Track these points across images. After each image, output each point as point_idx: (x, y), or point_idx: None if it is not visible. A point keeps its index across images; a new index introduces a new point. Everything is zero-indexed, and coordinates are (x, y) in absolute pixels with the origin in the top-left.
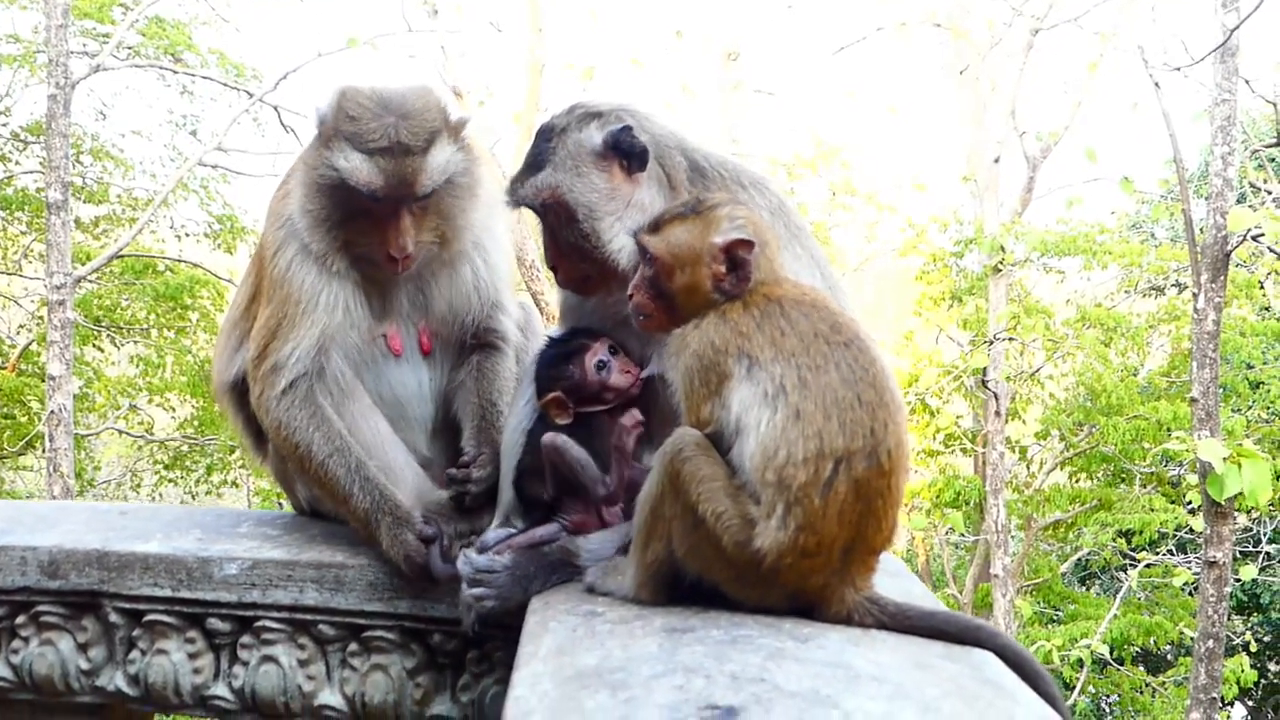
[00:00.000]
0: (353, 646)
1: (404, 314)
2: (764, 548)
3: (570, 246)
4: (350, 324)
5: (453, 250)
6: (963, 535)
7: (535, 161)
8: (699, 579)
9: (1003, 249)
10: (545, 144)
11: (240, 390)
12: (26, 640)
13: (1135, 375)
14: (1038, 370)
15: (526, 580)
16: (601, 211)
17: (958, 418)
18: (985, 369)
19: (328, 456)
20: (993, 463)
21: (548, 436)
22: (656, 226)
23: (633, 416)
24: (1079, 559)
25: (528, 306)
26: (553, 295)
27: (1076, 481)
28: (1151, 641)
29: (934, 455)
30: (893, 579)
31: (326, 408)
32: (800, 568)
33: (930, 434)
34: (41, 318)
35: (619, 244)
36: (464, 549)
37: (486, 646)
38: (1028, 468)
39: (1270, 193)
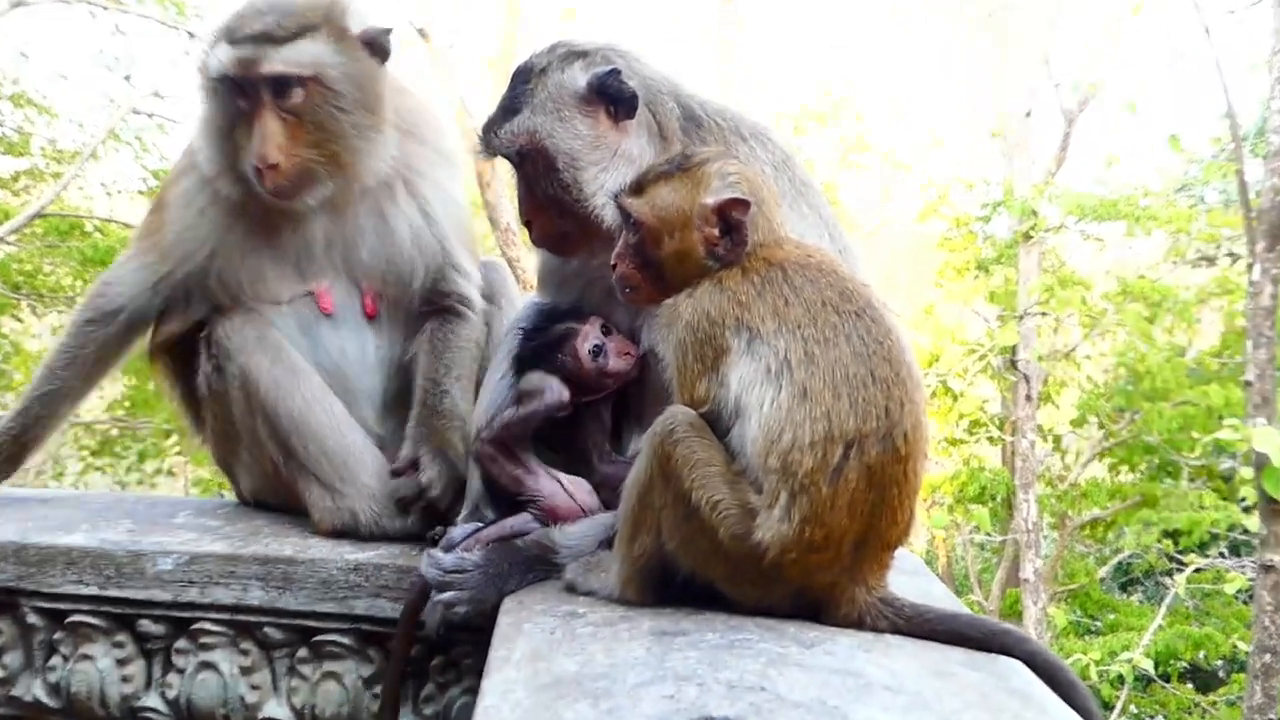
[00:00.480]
0: (302, 652)
1: (333, 268)
2: (765, 541)
3: (548, 199)
4: (245, 271)
5: (355, 183)
6: (989, 534)
7: (511, 105)
8: (692, 576)
9: (1034, 213)
10: (523, 86)
11: (175, 354)
12: None
13: (1183, 355)
14: (1073, 349)
15: (500, 579)
16: (584, 161)
17: (984, 402)
18: (1015, 347)
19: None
20: (1023, 453)
21: (481, 447)
22: (639, 187)
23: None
24: (1120, 562)
25: (498, 267)
26: (530, 261)
27: (1117, 475)
28: (1201, 656)
29: (957, 444)
30: (909, 578)
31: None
32: (806, 564)
33: (953, 420)
34: None
35: (603, 198)
36: (427, 549)
37: (453, 652)
38: (1062, 459)
39: None
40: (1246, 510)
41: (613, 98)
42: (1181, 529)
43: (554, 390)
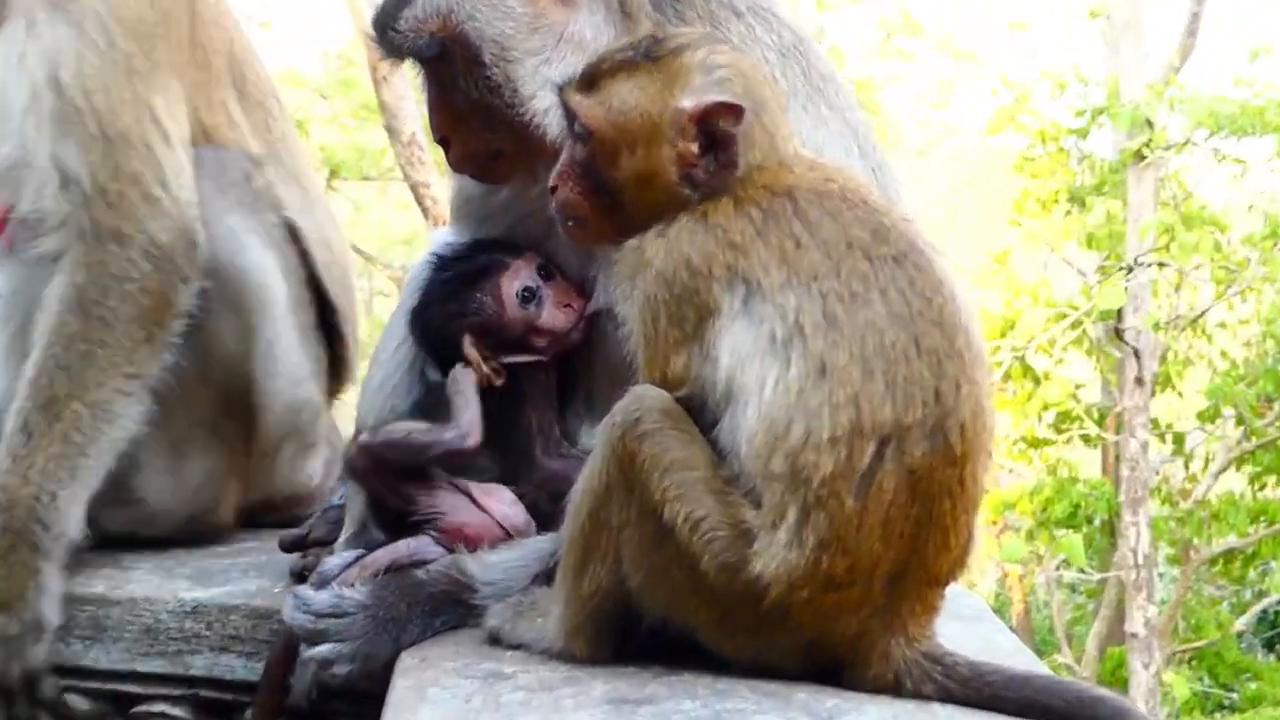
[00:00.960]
0: None
1: None
2: (767, 574)
3: (471, 107)
4: None
5: None
6: (1083, 571)
7: None
8: (663, 622)
9: (1150, 124)
10: None
11: None
12: None
13: None
14: (1203, 314)
15: (395, 625)
16: (519, 50)
17: (1077, 387)
18: (1121, 311)
19: None
20: (1131, 458)
21: (355, 453)
22: (590, 80)
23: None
24: (1265, 611)
25: (220, 162)
26: (444, 188)
27: (1261, 489)
28: None
29: (1039, 445)
30: (968, 626)
31: None
32: (822, 606)
33: (1034, 412)
34: None
35: (545, 100)
36: (292, 586)
37: None
38: (1186, 466)
39: None
40: None
41: None
42: None
43: (463, 424)
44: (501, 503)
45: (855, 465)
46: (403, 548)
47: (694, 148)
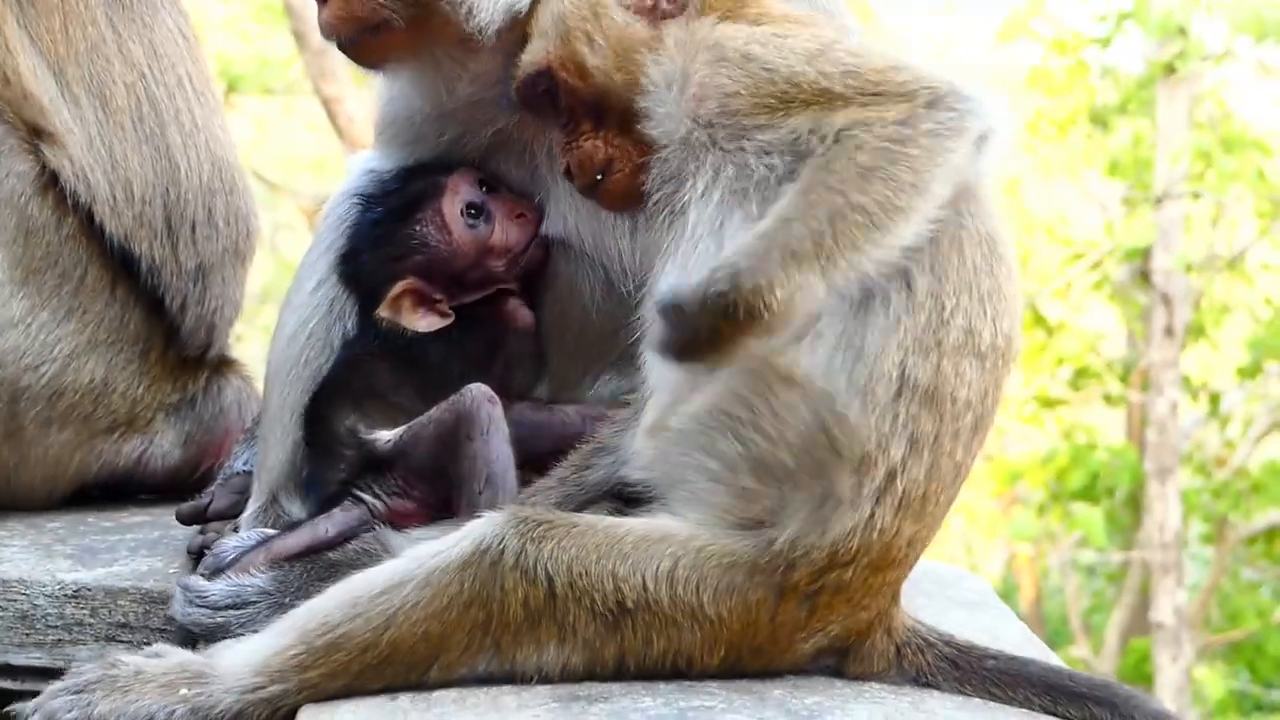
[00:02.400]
0: None
1: None
2: (836, 541)
3: None
4: None
5: None
6: (1102, 551)
7: None
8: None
9: (1183, 31)
10: None
11: None
12: None
13: None
14: (1243, 253)
15: None
16: None
17: (1098, 339)
18: (1148, 251)
19: None
20: (1159, 421)
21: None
22: (521, 38)
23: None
24: None
25: None
26: (361, 104)
27: None
28: None
29: (1053, 406)
30: (970, 613)
31: None
32: (859, 591)
33: (1048, 367)
34: None
35: None
36: (181, 580)
37: None
38: (1222, 430)
39: None
40: None
41: None
42: None
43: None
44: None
45: (987, 401)
46: (325, 525)
47: None
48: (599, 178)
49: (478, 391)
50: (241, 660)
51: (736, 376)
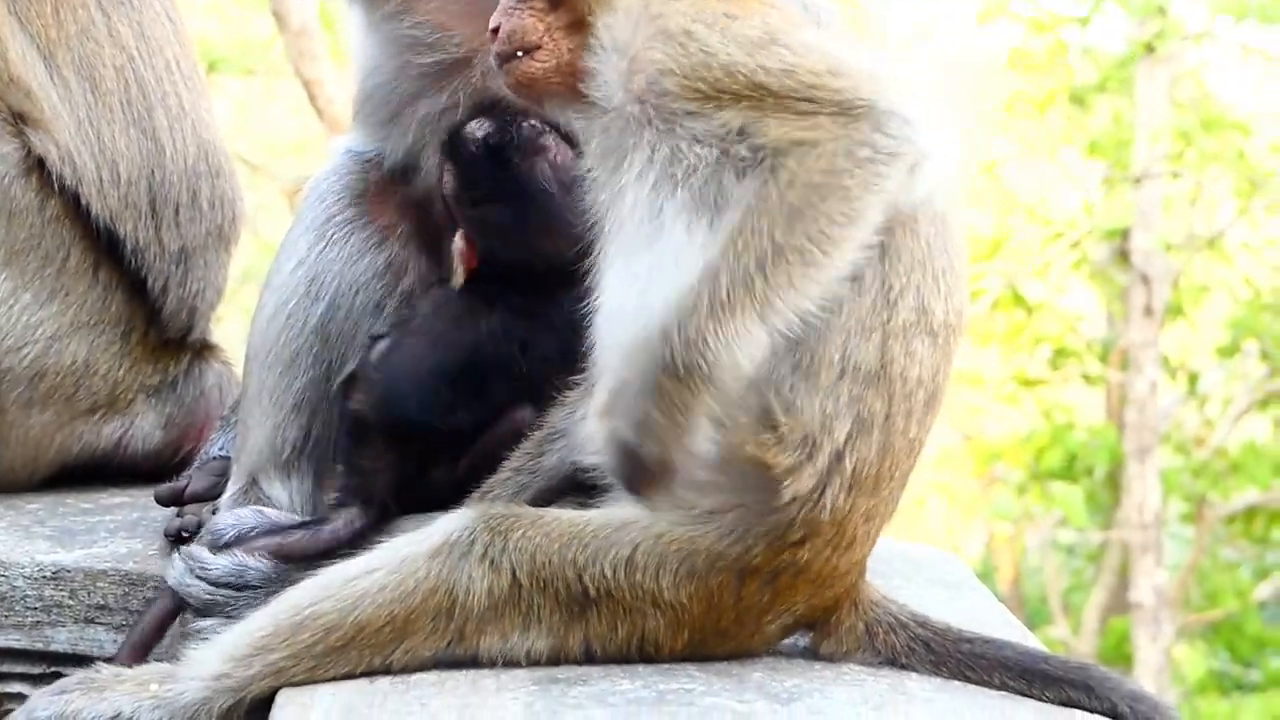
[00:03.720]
0: None
1: None
2: (785, 524)
3: None
4: None
5: None
6: (1082, 531)
7: None
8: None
9: (1163, 10)
10: None
11: None
12: None
13: None
14: (1222, 233)
15: None
16: None
17: (1077, 319)
18: (1128, 231)
19: None
20: (1137, 400)
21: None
22: None
23: None
24: None
25: None
26: (341, 85)
27: None
28: None
29: (1031, 386)
30: (949, 594)
31: None
32: (825, 570)
33: (1026, 347)
34: None
35: None
36: (176, 548)
37: None
38: (1201, 410)
39: None
40: None
41: None
42: None
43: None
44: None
45: (939, 376)
46: (345, 529)
47: None
48: (518, 54)
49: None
50: (212, 651)
51: None
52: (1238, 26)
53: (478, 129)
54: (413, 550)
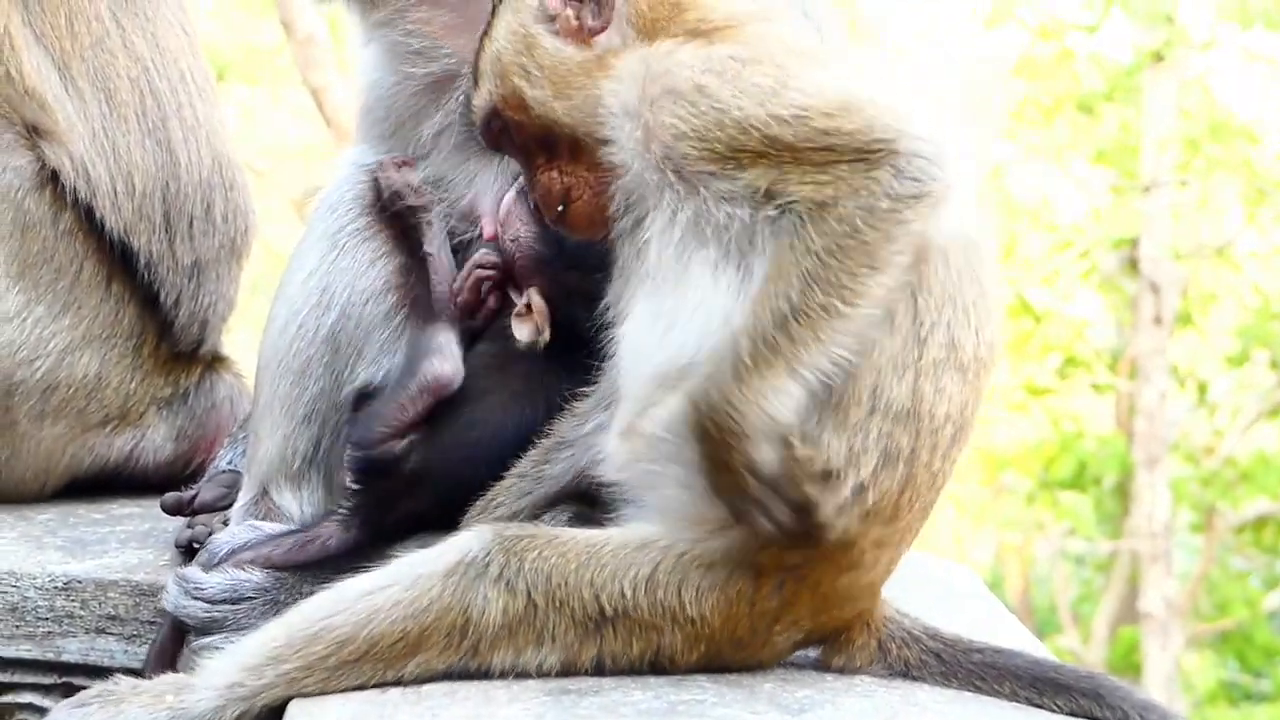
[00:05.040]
0: None
1: None
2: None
3: None
4: None
5: None
6: (1091, 540)
7: None
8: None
9: (1170, 19)
10: None
11: None
12: None
13: None
14: (1231, 242)
15: None
16: None
17: (1085, 326)
18: (1137, 240)
19: None
20: (1147, 410)
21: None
22: (474, 74)
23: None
24: None
25: None
26: (348, 93)
27: None
28: None
29: (1040, 395)
30: (959, 604)
31: None
32: (835, 587)
33: (1035, 355)
34: None
35: None
36: (176, 570)
37: None
38: (1210, 419)
39: None
40: None
41: None
42: None
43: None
44: None
45: (966, 411)
46: (335, 542)
47: (567, 11)
48: (561, 208)
49: None
50: (227, 661)
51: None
52: (1244, 34)
53: None
54: (428, 568)
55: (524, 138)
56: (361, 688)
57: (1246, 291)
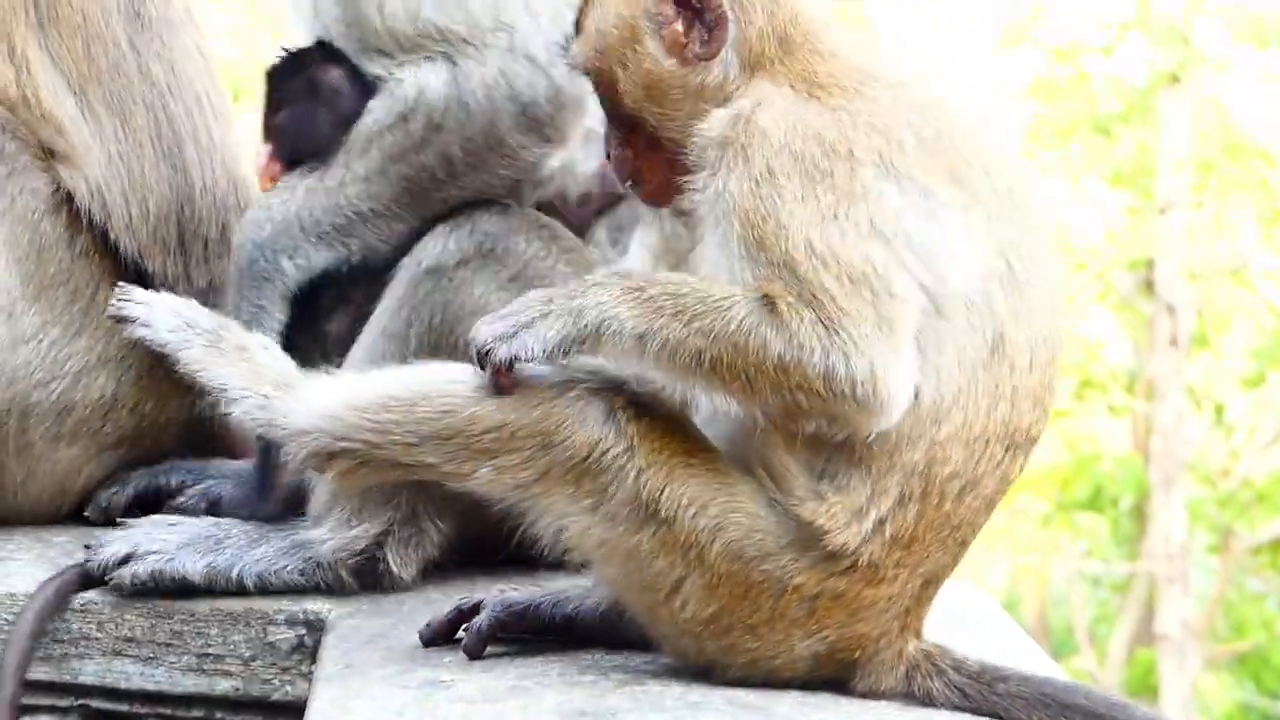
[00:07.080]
0: None
1: None
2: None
3: None
4: None
5: None
6: (1107, 562)
7: None
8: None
9: (1186, 40)
10: None
11: None
12: None
13: None
14: (1247, 263)
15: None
16: None
17: (1100, 347)
18: (1153, 261)
19: None
20: (1163, 431)
21: None
22: (577, 24)
23: None
24: None
25: None
26: None
27: None
28: None
29: (1057, 416)
30: (976, 627)
31: None
32: (856, 601)
33: None
34: None
35: None
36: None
37: None
38: (1227, 440)
39: None
40: None
41: None
42: None
43: None
44: None
45: (978, 470)
46: None
47: (678, 25)
48: (630, 183)
49: None
50: (317, 401)
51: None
52: (1260, 55)
53: None
54: (548, 378)
55: (612, 106)
56: (436, 469)
57: (1263, 312)
